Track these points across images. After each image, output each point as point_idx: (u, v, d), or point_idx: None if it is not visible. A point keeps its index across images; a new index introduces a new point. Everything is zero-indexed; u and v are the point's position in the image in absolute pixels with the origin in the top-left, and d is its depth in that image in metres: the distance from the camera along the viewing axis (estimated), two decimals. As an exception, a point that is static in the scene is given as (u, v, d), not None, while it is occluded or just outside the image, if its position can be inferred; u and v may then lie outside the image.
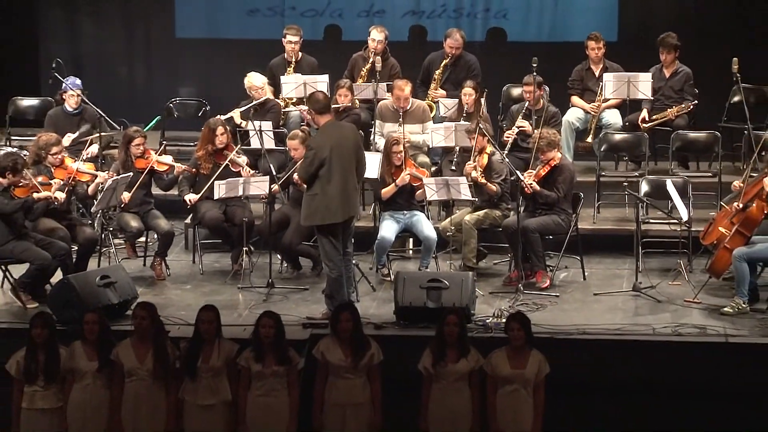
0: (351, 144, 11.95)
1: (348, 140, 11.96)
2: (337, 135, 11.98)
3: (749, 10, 16.43)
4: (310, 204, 11.90)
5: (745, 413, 11.38)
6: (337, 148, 11.81)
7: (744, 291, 12.16)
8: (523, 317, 10.73)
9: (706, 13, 16.45)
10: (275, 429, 10.57)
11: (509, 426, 10.54)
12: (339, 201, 11.83)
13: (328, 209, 11.83)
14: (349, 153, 11.89)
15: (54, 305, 11.91)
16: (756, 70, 15.10)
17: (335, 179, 11.78)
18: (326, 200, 11.81)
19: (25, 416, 10.62)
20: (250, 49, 16.20)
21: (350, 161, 11.91)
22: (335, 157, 11.78)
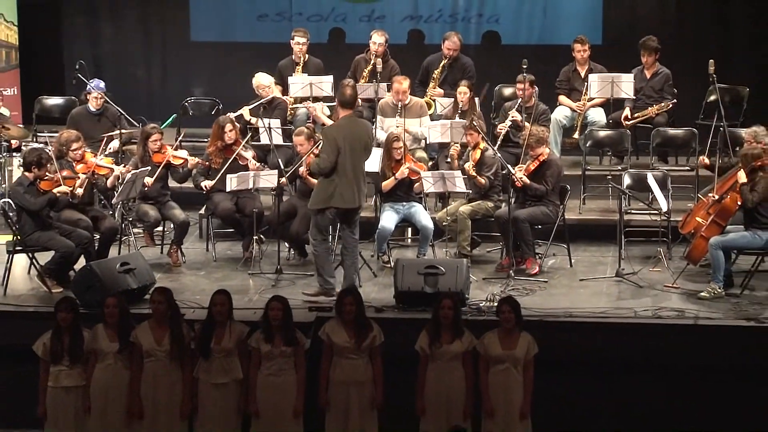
0: (363, 139, 12.02)
1: (361, 135, 12.03)
2: (352, 129, 12.04)
3: (725, 16, 16.43)
4: (327, 189, 11.97)
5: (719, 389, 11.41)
6: (350, 141, 11.89)
7: (719, 277, 12.17)
8: (514, 301, 10.74)
9: (685, 19, 16.46)
10: (284, 406, 10.58)
11: (501, 402, 10.55)
12: (353, 189, 11.95)
13: (342, 196, 11.93)
14: (360, 147, 11.96)
15: (77, 290, 11.93)
16: (730, 72, 15.13)
17: (348, 169, 11.87)
18: (341, 188, 11.91)
19: (50, 394, 10.63)
20: (260, 51, 16.20)
21: (360, 154, 11.98)
22: (348, 149, 11.87)
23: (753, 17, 16.35)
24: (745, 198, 12.07)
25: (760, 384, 11.41)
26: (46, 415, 10.68)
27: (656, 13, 16.53)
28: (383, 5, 16.82)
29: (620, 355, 11.56)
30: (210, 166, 13.37)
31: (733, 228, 12.34)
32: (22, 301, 12.31)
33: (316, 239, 12.21)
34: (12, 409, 11.44)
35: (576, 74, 14.97)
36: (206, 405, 10.64)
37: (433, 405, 10.59)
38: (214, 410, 10.64)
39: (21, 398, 11.10)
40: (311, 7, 16.88)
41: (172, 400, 10.63)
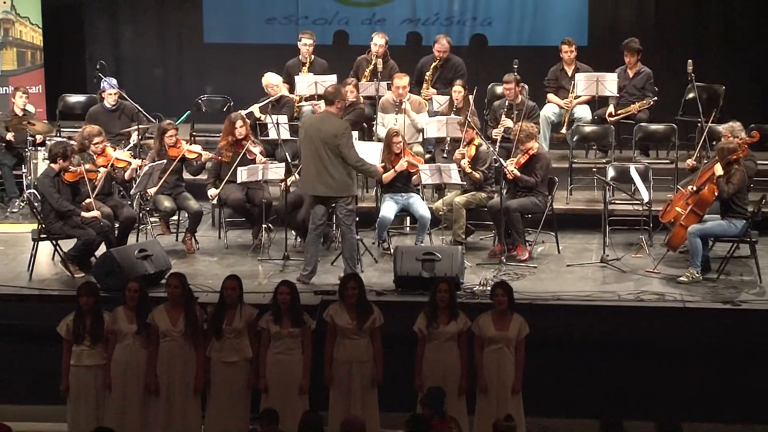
0: (321, 133, 11.95)
1: (319, 129, 11.99)
2: (316, 123, 12.15)
3: (702, 19, 16.40)
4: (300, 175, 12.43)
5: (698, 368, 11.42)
6: (308, 132, 12.02)
7: (697, 263, 12.17)
8: (506, 285, 10.77)
9: (665, 22, 16.42)
10: (291, 383, 10.59)
11: (494, 380, 10.57)
12: (308, 178, 12.09)
13: (300, 182, 12.34)
14: (314, 140, 11.94)
15: (98, 275, 11.93)
16: (708, 71, 15.10)
17: (304, 159, 12.10)
18: (303, 175, 12.25)
19: (73, 372, 10.65)
20: (268, 52, 16.17)
21: (320, 148, 11.93)
22: (305, 140, 12.03)
23: (728, 20, 16.33)
24: (722, 189, 12.05)
25: (736, 362, 11.41)
26: (69, 392, 10.70)
27: (638, 16, 16.49)
28: (384, 9, 16.80)
29: (605, 335, 11.56)
30: (221, 160, 13.33)
31: (710, 217, 12.33)
32: (47, 286, 12.30)
33: (310, 227, 12.28)
34: (37, 386, 11.44)
35: (563, 73, 14.94)
36: (218, 382, 10.65)
37: (430, 382, 10.55)
38: (226, 387, 10.66)
39: (45, 376, 11.10)
40: (317, 11, 16.85)
41: (186, 377, 10.65)
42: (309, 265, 12.23)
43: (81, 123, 14.42)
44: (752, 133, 13.03)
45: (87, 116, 14.68)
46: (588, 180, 14.31)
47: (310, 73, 14.87)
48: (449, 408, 10.37)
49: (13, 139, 14.77)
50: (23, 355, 11.75)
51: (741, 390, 11.33)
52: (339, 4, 16.86)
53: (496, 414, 10.11)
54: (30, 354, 11.65)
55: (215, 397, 10.69)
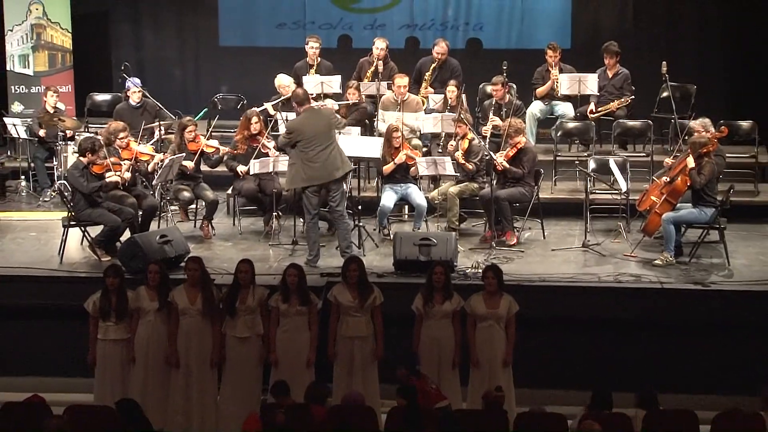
0: (322, 124, 11.98)
1: (320, 120, 12.01)
2: (309, 119, 12.03)
3: (675, 24, 16.38)
4: (291, 172, 12.11)
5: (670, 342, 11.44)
6: (311, 129, 11.91)
7: (671, 247, 12.16)
8: (496, 268, 10.78)
9: (641, 27, 16.40)
10: (298, 357, 10.59)
11: (485, 354, 10.57)
12: (321, 169, 11.94)
13: (309, 176, 11.96)
14: (321, 130, 11.93)
15: (123, 258, 11.91)
16: (680, 72, 15.05)
17: (316, 153, 11.88)
18: (307, 169, 11.94)
19: (100, 346, 10.66)
20: (278, 55, 16.13)
21: (325, 136, 11.93)
22: (312, 135, 11.88)
23: (699, 25, 16.30)
24: (694, 180, 12.04)
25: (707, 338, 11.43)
26: (96, 364, 10.71)
27: (616, 21, 16.47)
28: (384, 15, 16.76)
29: (586, 313, 11.55)
30: (236, 153, 13.30)
31: (683, 205, 12.31)
32: (76, 268, 12.31)
33: (305, 218, 12.24)
34: (66, 359, 11.42)
35: (548, 74, 14.89)
36: (232, 356, 10.66)
37: (426, 357, 10.59)
38: (239, 360, 10.67)
39: (74, 350, 11.08)
40: (323, 17, 16.81)
41: (203, 351, 10.66)
42: (312, 251, 12.21)
43: (107, 119, 14.40)
44: (721, 128, 13.04)
45: (114, 113, 14.68)
46: (571, 171, 14.28)
47: (316, 74, 14.84)
48: (444, 381, 10.40)
49: (45, 134, 14.76)
50: (54, 332, 11.74)
51: (710, 363, 11.33)
52: (343, 10, 16.82)
53: (487, 386, 10.10)
54: (60, 330, 11.65)
55: (230, 370, 10.69)
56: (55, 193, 14.31)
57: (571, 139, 14.88)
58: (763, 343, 11.35)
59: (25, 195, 14.91)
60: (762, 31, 15.80)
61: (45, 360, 11.71)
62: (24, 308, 11.92)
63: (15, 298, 11.97)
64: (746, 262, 12.32)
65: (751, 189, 14.02)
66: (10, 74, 16.48)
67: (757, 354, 11.28)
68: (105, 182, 12.38)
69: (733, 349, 11.35)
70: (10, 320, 11.93)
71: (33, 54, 16.46)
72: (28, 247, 13.01)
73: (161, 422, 10.49)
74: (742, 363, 11.24)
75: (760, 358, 11.25)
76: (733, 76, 16.06)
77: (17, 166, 15.28)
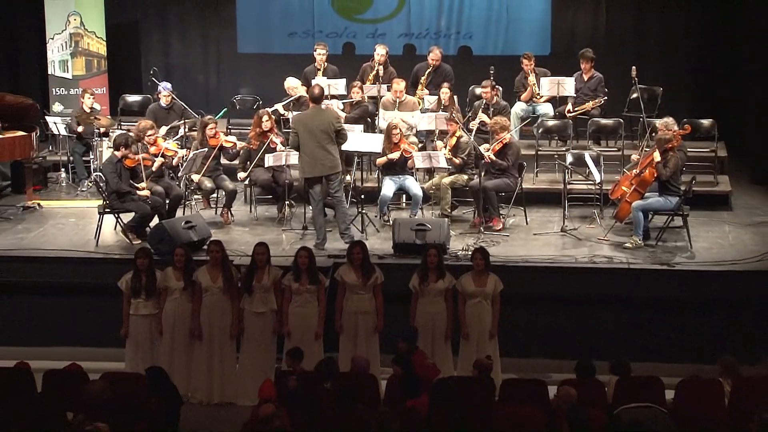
0: (318, 124, 11.86)
1: (316, 122, 11.90)
2: (312, 117, 11.99)
3: (643, 32, 16.31)
4: (299, 164, 12.15)
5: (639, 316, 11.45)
6: (305, 127, 11.86)
7: (639, 232, 12.14)
8: (484, 250, 10.79)
9: (613, 35, 16.32)
10: (308, 329, 10.60)
11: (474, 328, 10.58)
12: (310, 164, 11.90)
13: (304, 168, 12.02)
14: (314, 131, 11.83)
15: (152, 242, 11.90)
16: (648, 75, 15.02)
17: (310, 148, 11.86)
18: (303, 162, 12.01)
19: (131, 320, 10.69)
20: (290, 61, 16.05)
21: (320, 136, 11.84)
22: (303, 134, 11.85)
23: (664, 33, 16.23)
24: (660, 172, 12.02)
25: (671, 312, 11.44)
26: (128, 336, 10.72)
27: (591, 30, 16.38)
28: (384, 25, 16.70)
29: (564, 291, 11.56)
30: (251, 148, 13.26)
31: (650, 194, 12.28)
32: (110, 250, 12.30)
33: (312, 205, 12.23)
34: (101, 332, 11.40)
35: (526, 81, 14.79)
36: (249, 329, 10.67)
37: (422, 330, 10.60)
38: (256, 333, 10.68)
39: (108, 324, 11.06)
40: (329, 27, 16.75)
41: (223, 324, 10.66)
42: (319, 235, 12.18)
43: (138, 118, 14.38)
44: (684, 126, 13.01)
45: (147, 112, 14.66)
46: (550, 164, 14.23)
47: (323, 77, 14.78)
48: (437, 351, 10.39)
49: (83, 131, 14.72)
50: (90, 307, 11.74)
51: (674, 335, 11.34)
52: (348, 20, 16.76)
53: (476, 356, 10.13)
54: (96, 306, 11.64)
55: (247, 341, 10.70)
56: (91, 184, 14.29)
57: (550, 135, 14.82)
58: (721, 317, 11.37)
59: (65, 185, 14.88)
60: (721, 39, 15.76)
61: (82, 332, 11.71)
62: (64, 286, 11.91)
63: (56, 276, 11.97)
64: (706, 245, 12.30)
65: (711, 180, 13.99)
66: (52, 78, 16.45)
67: (716, 327, 11.31)
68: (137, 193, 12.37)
69: (695, 323, 11.36)
70: (51, 296, 11.94)
71: (72, 60, 16.41)
72: (67, 232, 12.99)
73: (186, 387, 10.50)
74: (703, 335, 11.26)
75: (718, 331, 11.28)
76: (695, 79, 16.02)
77: (58, 160, 15.26)
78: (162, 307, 10.64)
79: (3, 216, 13.60)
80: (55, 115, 15.62)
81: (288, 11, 16.84)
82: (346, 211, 12.31)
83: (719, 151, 14.32)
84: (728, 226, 13.01)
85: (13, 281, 11.97)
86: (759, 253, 12.02)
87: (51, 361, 10.40)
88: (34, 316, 11.91)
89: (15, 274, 12.00)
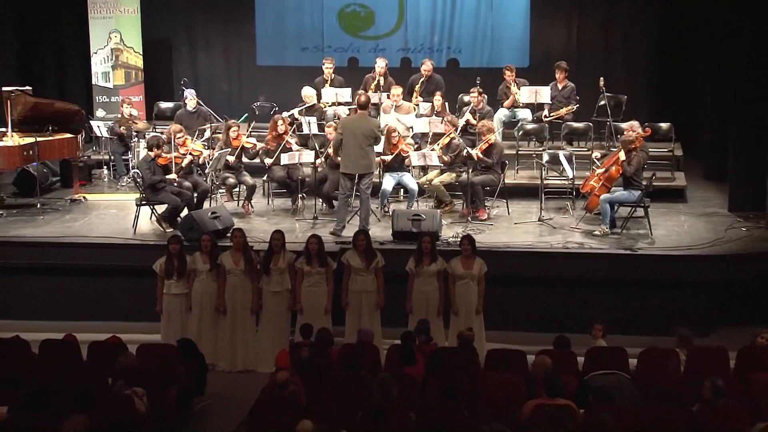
0: (362, 129, 11.81)
1: (362, 126, 11.86)
2: (355, 122, 11.93)
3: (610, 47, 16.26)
4: (341, 160, 12.01)
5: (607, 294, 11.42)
6: (349, 130, 11.81)
7: (607, 221, 12.11)
8: (471, 237, 10.79)
9: (584, 49, 16.29)
10: (318, 306, 10.60)
11: (463, 305, 10.57)
12: (349, 162, 11.85)
13: (343, 164, 11.93)
14: (360, 134, 11.78)
15: (183, 230, 11.86)
16: (614, 85, 14.99)
17: (348, 148, 11.82)
18: (344, 160, 11.92)
19: (165, 298, 10.70)
20: (302, 72, 15.97)
21: (361, 139, 11.78)
22: (349, 135, 11.81)
23: (629, 49, 16.18)
24: (624, 169, 11.99)
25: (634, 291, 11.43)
26: (162, 312, 10.70)
27: (564, 45, 16.33)
28: (384, 41, 16.66)
29: (541, 272, 11.53)
30: (268, 148, 13.24)
31: (616, 189, 12.25)
32: (146, 238, 12.27)
33: (339, 196, 12.12)
34: (138, 308, 11.39)
35: (509, 90, 14.74)
36: (267, 306, 10.68)
37: (416, 306, 10.60)
38: (273, 309, 10.68)
39: (145, 301, 11.05)
40: (337, 43, 16.71)
41: (245, 302, 10.66)
42: (341, 222, 12.12)
43: (170, 122, 14.35)
44: (645, 129, 12.94)
45: (175, 117, 14.63)
46: (529, 162, 14.21)
47: (331, 87, 14.74)
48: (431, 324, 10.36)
49: (123, 133, 14.71)
50: (129, 287, 11.71)
51: (637, 310, 11.32)
52: (352, 37, 16.71)
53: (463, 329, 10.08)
54: (134, 286, 11.60)
55: (265, 316, 10.70)
56: (129, 180, 14.26)
57: (529, 137, 14.78)
58: (677, 295, 11.35)
59: (107, 181, 14.86)
60: (678, 52, 15.73)
61: (122, 308, 11.69)
62: (106, 268, 11.89)
63: (99, 260, 11.95)
64: (665, 232, 12.27)
65: (669, 176, 13.96)
66: (95, 87, 16.42)
67: (673, 303, 11.30)
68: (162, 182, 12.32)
69: (655, 300, 11.34)
70: (95, 277, 11.91)
71: (112, 71, 16.38)
72: (109, 221, 12.96)
73: (212, 356, 10.51)
74: (661, 310, 11.25)
75: (675, 307, 11.27)
76: (656, 88, 15.98)
77: (100, 159, 15.22)
78: (191, 287, 10.63)
79: (53, 207, 13.58)
80: (98, 120, 15.59)
81: (301, 29, 16.80)
82: (369, 207, 12.22)
83: (676, 151, 14.31)
84: (684, 216, 12.99)
85: (62, 264, 11.95)
86: (710, 239, 12.00)
87: (95, 334, 10.42)
88: (80, 295, 11.89)
89: (63, 258, 11.98)
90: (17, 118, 13.51)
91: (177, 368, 9.25)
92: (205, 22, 17.14)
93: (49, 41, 16.51)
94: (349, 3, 16.64)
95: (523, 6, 16.21)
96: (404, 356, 9.20)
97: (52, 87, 16.16)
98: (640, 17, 16.06)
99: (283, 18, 16.83)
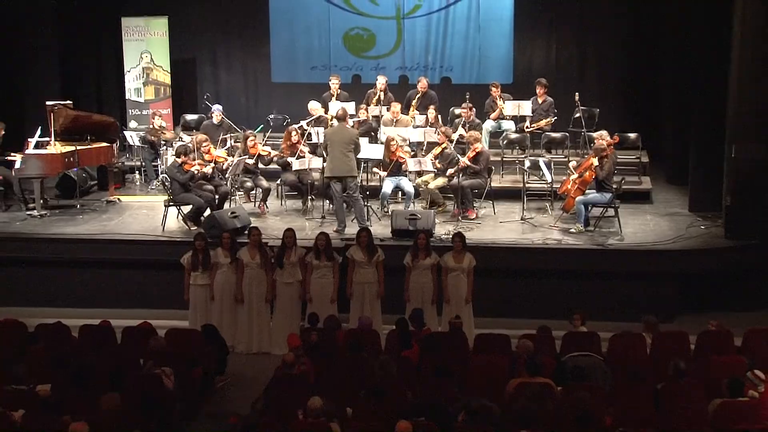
0: (342, 137, 11.82)
1: (341, 135, 11.86)
2: (335, 132, 11.97)
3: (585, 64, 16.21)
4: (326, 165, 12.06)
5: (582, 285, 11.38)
6: (332, 139, 11.86)
7: (581, 220, 12.10)
8: (461, 234, 10.78)
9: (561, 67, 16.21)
10: (326, 296, 10.60)
11: (454, 295, 10.56)
12: (334, 166, 11.85)
13: (327, 169, 11.97)
14: (341, 142, 11.79)
15: (206, 228, 11.84)
16: (588, 99, 14.93)
17: (332, 154, 11.85)
18: (327, 164, 11.96)
19: (191, 289, 10.72)
20: (312, 88, 15.93)
21: (342, 146, 11.77)
22: (331, 144, 11.84)
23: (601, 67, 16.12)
24: (597, 174, 11.99)
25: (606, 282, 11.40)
26: (189, 300, 10.68)
27: (544, 64, 16.25)
28: (384, 60, 16.59)
29: (523, 266, 11.51)
30: (283, 156, 13.22)
31: (590, 191, 12.23)
32: (173, 235, 12.24)
33: (334, 201, 12.17)
34: (167, 297, 11.37)
35: (495, 104, 14.69)
36: (280, 295, 10.67)
37: (413, 296, 10.58)
38: (285, 298, 10.67)
39: (173, 291, 11.03)
40: (342, 62, 16.65)
41: (260, 292, 10.65)
42: (341, 223, 12.10)
43: (195, 133, 14.33)
44: (614, 138, 12.91)
45: (201, 128, 14.62)
46: (513, 168, 14.18)
47: (337, 101, 14.71)
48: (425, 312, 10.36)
49: (154, 142, 14.71)
50: (159, 278, 11.70)
51: (608, 299, 11.29)
52: (356, 57, 16.66)
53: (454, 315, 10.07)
54: (163, 277, 11.59)
55: (279, 305, 10.68)
56: (158, 183, 14.24)
57: (513, 146, 14.74)
58: (644, 285, 11.35)
59: (138, 184, 14.85)
60: (645, 70, 15.69)
61: (152, 297, 11.68)
62: (138, 262, 11.89)
63: (132, 254, 11.95)
64: (633, 230, 12.25)
65: (636, 180, 13.95)
66: (128, 102, 16.40)
67: (640, 293, 11.29)
68: (193, 173, 12.28)
69: (624, 290, 11.33)
70: (128, 270, 11.91)
71: (144, 88, 16.36)
72: (141, 220, 12.94)
73: (232, 340, 10.52)
74: (630, 299, 11.23)
75: (642, 296, 11.26)
76: (625, 102, 15.92)
77: (133, 165, 15.23)
78: (213, 278, 10.62)
79: (91, 208, 13.58)
80: (131, 130, 15.61)
81: (310, 49, 16.75)
82: (362, 208, 12.19)
83: (642, 158, 14.29)
84: (649, 216, 12.97)
85: (98, 258, 11.95)
86: (673, 236, 12.00)
87: (128, 320, 10.40)
88: (115, 285, 11.88)
89: (100, 253, 11.97)
90: (59, 129, 13.52)
91: (201, 351, 9.24)
92: (226, 44, 17.10)
93: (88, 62, 16.49)
94: (353, 27, 16.60)
95: (507, 29, 16.17)
96: (401, 340, 9.19)
97: (90, 101, 16.16)
98: (611, 39, 16.02)
99: (294, 40, 16.80)
